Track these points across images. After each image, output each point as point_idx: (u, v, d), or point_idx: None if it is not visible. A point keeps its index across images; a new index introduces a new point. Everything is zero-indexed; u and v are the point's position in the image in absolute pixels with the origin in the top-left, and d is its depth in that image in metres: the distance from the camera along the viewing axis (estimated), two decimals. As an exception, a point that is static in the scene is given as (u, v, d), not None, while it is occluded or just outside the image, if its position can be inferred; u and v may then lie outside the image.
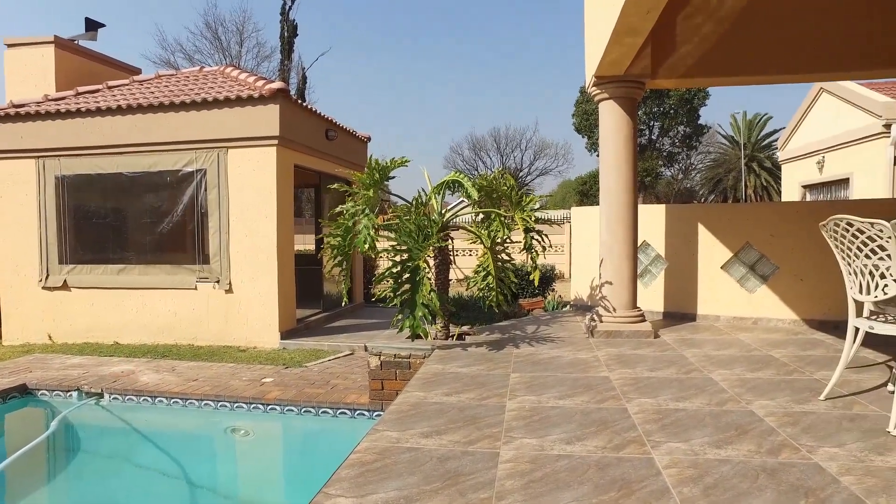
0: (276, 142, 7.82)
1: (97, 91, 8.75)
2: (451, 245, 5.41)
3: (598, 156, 5.68)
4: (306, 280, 9.39)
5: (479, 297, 5.72)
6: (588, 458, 2.59)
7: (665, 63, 5.49)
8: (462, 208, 5.84)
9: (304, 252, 10.87)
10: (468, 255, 15.22)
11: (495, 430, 2.95)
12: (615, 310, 5.36)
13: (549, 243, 5.52)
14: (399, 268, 4.71)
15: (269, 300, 7.88)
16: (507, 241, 5.46)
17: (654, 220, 6.35)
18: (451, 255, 5.43)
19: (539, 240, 5.40)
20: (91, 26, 10.48)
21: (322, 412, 5.25)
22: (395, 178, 5.21)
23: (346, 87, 61.09)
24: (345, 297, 5.30)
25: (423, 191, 5.45)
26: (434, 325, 5.19)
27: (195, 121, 7.97)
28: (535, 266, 5.47)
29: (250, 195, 7.91)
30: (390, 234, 5.10)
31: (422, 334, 4.75)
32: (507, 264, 5.61)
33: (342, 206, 5.14)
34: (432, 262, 5.25)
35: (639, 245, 5.72)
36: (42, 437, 5.12)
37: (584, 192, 35.00)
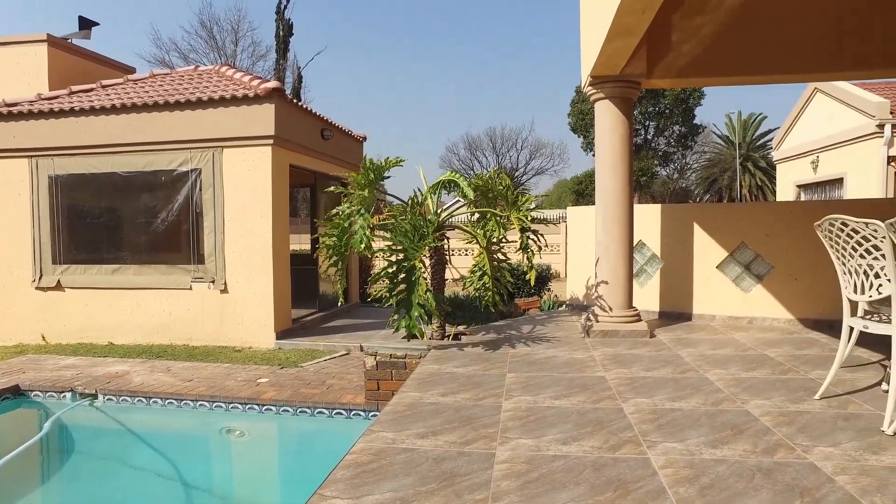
0: (271, 141, 7.79)
1: (91, 90, 8.71)
2: (446, 245, 5.41)
3: (594, 155, 5.69)
4: (302, 280, 9.38)
5: (475, 296, 5.71)
6: (584, 459, 2.59)
7: (661, 63, 5.50)
8: (458, 208, 5.83)
9: (300, 252, 10.84)
10: (464, 255, 15.22)
11: (491, 431, 2.94)
12: (611, 309, 5.37)
13: (545, 243, 5.53)
14: (395, 268, 4.70)
15: (264, 300, 7.86)
16: (503, 240, 5.46)
17: (649, 219, 6.36)
18: (446, 254, 5.43)
19: (535, 239, 5.40)
20: (85, 25, 10.42)
21: (318, 412, 5.24)
22: (390, 177, 5.20)
23: (346, 86, 61.14)
24: (340, 297, 5.28)
25: (418, 190, 5.44)
26: (430, 325, 5.19)
27: (190, 120, 7.94)
28: (531, 266, 5.47)
29: (245, 195, 7.88)
30: (386, 233, 5.09)
31: (418, 334, 4.74)
32: (503, 264, 5.61)
33: (338, 207, 5.13)
34: (428, 262, 5.24)
35: (634, 245, 5.72)
36: (35, 438, 5.08)
37: (579, 191, 35.04)
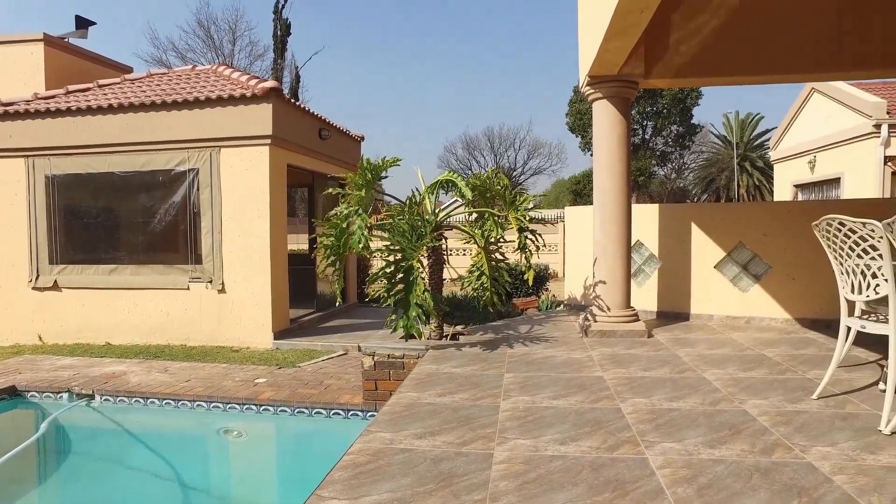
0: (268, 141, 7.78)
1: (88, 90, 8.68)
2: (444, 245, 5.40)
3: (592, 155, 5.69)
4: (300, 280, 9.37)
5: (473, 296, 5.71)
6: (582, 459, 2.58)
7: (658, 63, 5.50)
8: (455, 208, 5.82)
9: (298, 252, 10.83)
10: (462, 255, 15.22)
11: (489, 431, 2.94)
12: (609, 309, 5.37)
13: (543, 243, 5.52)
14: (393, 268, 4.69)
15: (262, 300, 7.85)
16: (501, 240, 5.45)
17: (647, 219, 6.36)
18: (444, 254, 5.42)
19: (533, 239, 5.40)
20: (81, 24, 10.40)
21: (315, 413, 5.23)
22: (387, 177, 5.20)
23: (344, 86, 61.12)
24: (338, 297, 5.27)
25: (416, 190, 5.43)
26: (428, 325, 5.18)
27: (187, 120, 7.92)
28: (529, 265, 5.47)
29: (243, 195, 7.87)
30: (384, 233, 5.08)
31: (416, 334, 4.73)
32: (501, 264, 5.60)
33: (337, 208, 5.12)
34: (426, 262, 5.24)
35: (632, 244, 5.72)
36: (32, 439, 5.06)
37: (577, 191, 35.09)
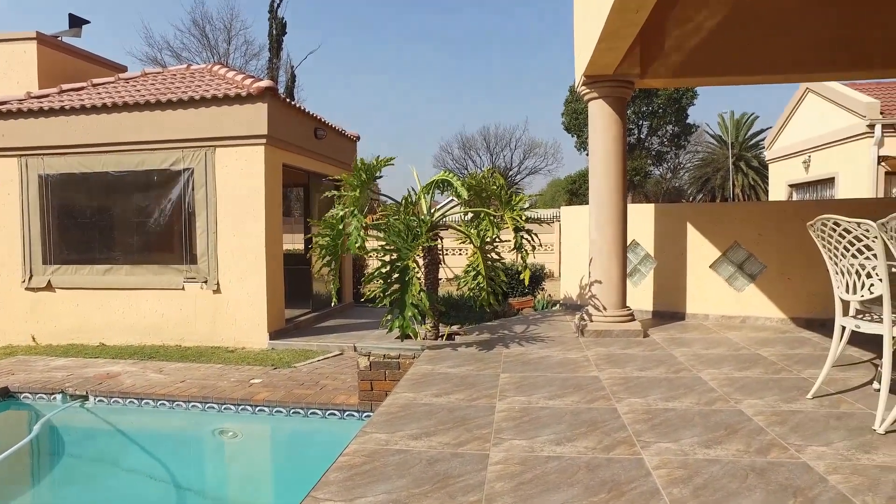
0: (264, 141, 7.75)
1: (81, 89, 8.62)
2: (440, 244, 5.39)
3: (588, 155, 5.69)
4: (295, 280, 9.33)
5: (469, 296, 5.70)
6: (578, 460, 2.58)
7: (654, 63, 5.51)
8: (451, 208, 5.82)
9: (293, 252, 10.79)
10: (458, 255, 15.21)
11: (485, 432, 2.93)
12: (605, 309, 5.37)
13: (539, 242, 5.52)
14: (388, 268, 4.68)
15: (257, 300, 7.82)
16: (497, 240, 5.45)
17: (643, 219, 6.37)
18: (440, 254, 5.42)
19: (529, 239, 5.40)
20: (75, 22, 10.33)
21: (311, 413, 5.21)
22: (382, 177, 5.18)
23: (341, 86, 60.97)
24: (334, 297, 5.27)
25: (412, 190, 5.42)
26: (424, 325, 5.17)
27: (182, 119, 7.88)
28: (525, 265, 5.47)
29: (238, 195, 7.83)
30: (379, 233, 5.07)
31: (411, 334, 4.72)
32: (497, 263, 5.60)
33: (332, 210, 5.11)
34: (422, 262, 5.23)
35: (628, 244, 5.73)
36: (25, 440, 5.03)
37: (573, 191, 35.13)
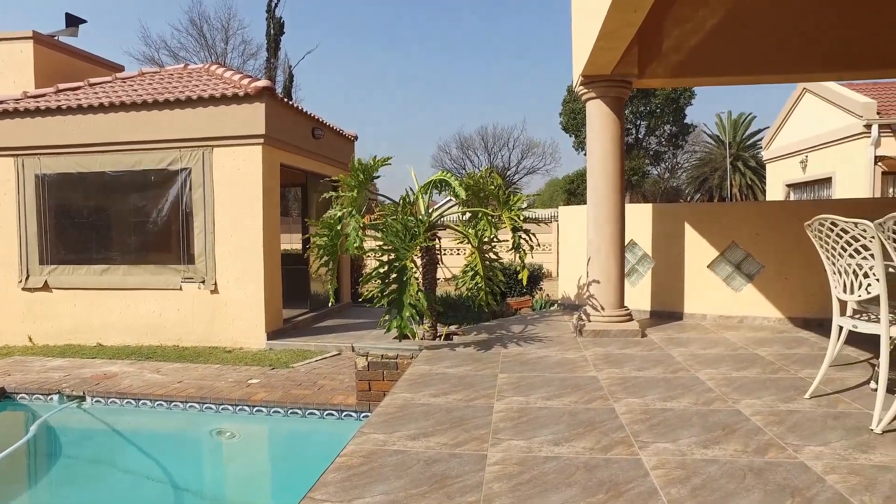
0: (261, 140, 7.74)
1: (78, 88, 8.60)
2: (438, 244, 5.39)
3: (586, 155, 5.69)
4: (293, 280, 9.32)
5: (467, 296, 5.70)
6: (576, 460, 2.58)
7: (652, 63, 5.51)
8: (449, 207, 5.82)
9: (291, 251, 10.80)
10: (456, 255, 15.21)
11: (483, 432, 2.93)
12: (603, 309, 5.37)
13: (537, 242, 5.52)
14: (386, 268, 4.68)
15: (255, 300, 7.81)
16: (495, 240, 5.45)
17: (641, 219, 6.37)
18: (438, 254, 5.41)
19: (527, 239, 5.39)
20: (71, 22, 10.31)
21: (309, 413, 5.21)
22: (379, 177, 5.17)
23: (338, 85, 60.93)
24: (331, 298, 5.25)
25: (410, 190, 5.41)
26: (421, 325, 5.17)
27: (179, 119, 7.86)
28: (523, 265, 5.46)
29: (236, 194, 7.82)
30: (377, 233, 5.06)
31: (409, 334, 4.72)
32: (495, 263, 5.60)
33: (330, 211, 5.11)
34: (419, 262, 5.22)
35: (626, 244, 5.73)
36: (21, 441, 5.01)
37: (571, 190, 35.13)
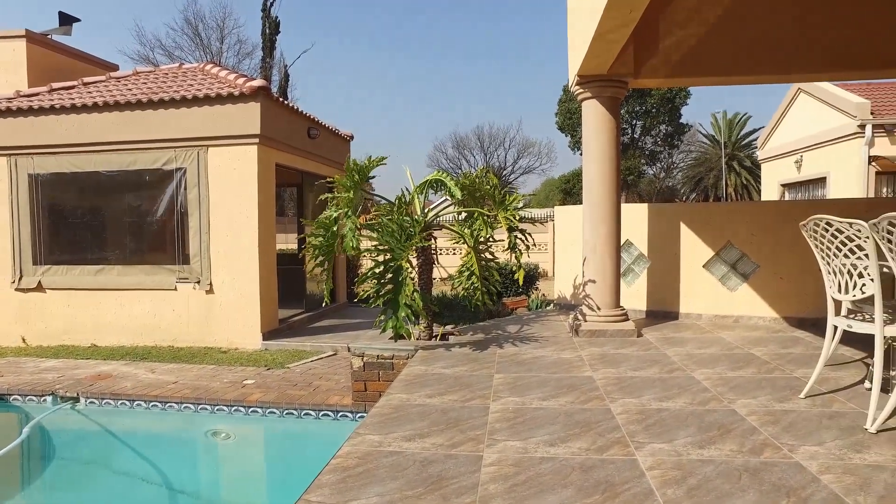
0: (257, 140, 7.71)
1: (72, 87, 8.55)
2: (434, 244, 5.38)
3: (582, 154, 5.69)
4: (289, 280, 9.30)
5: (463, 296, 5.69)
6: (572, 461, 2.58)
7: (648, 63, 5.51)
8: (445, 207, 5.81)
9: (287, 251, 10.76)
10: (452, 254, 15.21)
11: (479, 433, 2.92)
12: (599, 309, 5.37)
13: (533, 242, 5.52)
14: (382, 268, 4.66)
15: (250, 300, 7.78)
16: (491, 239, 5.44)
17: (636, 219, 6.38)
18: (434, 254, 5.40)
19: (523, 239, 5.39)
20: (65, 20, 10.25)
21: (304, 414, 5.19)
22: (375, 177, 5.16)
23: (335, 85, 60.80)
24: (327, 298, 5.23)
25: (406, 190, 5.41)
26: (417, 325, 5.16)
27: (174, 118, 7.83)
28: (519, 265, 5.46)
29: (231, 194, 7.80)
30: (373, 233, 5.05)
31: (405, 335, 4.71)
32: (491, 263, 5.59)
33: (326, 212, 5.09)
34: (415, 262, 5.21)
35: (622, 244, 5.73)
36: (14, 443, 4.98)
37: (567, 190, 35.15)
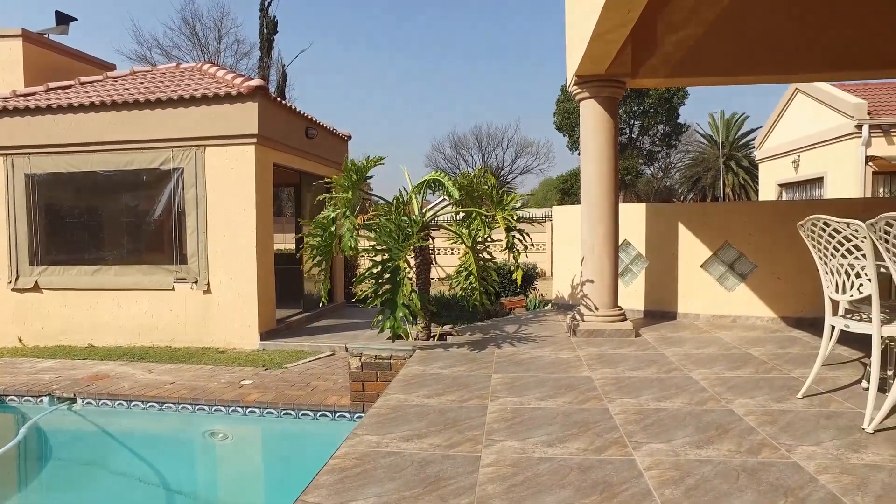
0: (254, 140, 7.70)
1: (69, 87, 8.52)
2: (432, 244, 5.37)
3: (580, 154, 5.69)
4: (287, 280, 9.28)
5: (461, 296, 5.69)
6: (570, 461, 2.57)
7: (646, 63, 5.51)
8: (443, 207, 5.81)
9: (285, 251, 10.74)
10: (450, 254, 15.19)
11: (476, 433, 2.92)
12: (597, 308, 5.37)
13: (531, 242, 5.52)
14: (379, 268, 4.66)
15: (248, 300, 7.77)
16: (489, 239, 5.44)
17: (634, 219, 6.38)
18: (432, 254, 5.40)
19: (521, 238, 5.39)
20: (62, 20, 10.22)
21: (302, 414, 5.18)
22: (373, 177, 5.15)
23: (332, 85, 60.76)
24: (324, 298, 5.22)
25: (403, 190, 5.40)
26: (415, 325, 5.16)
27: (172, 118, 7.81)
28: (517, 265, 5.46)
29: (229, 194, 7.78)
30: (370, 233, 5.05)
31: (403, 335, 4.70)
32: (489, 263, 5.59)
33: (324, 212, 5.08)
34: (413, 262, 5.21)
35: (620, 244, 5.74)
36: (10, 444, 4.96)
37: (565, 190, 35.17)
